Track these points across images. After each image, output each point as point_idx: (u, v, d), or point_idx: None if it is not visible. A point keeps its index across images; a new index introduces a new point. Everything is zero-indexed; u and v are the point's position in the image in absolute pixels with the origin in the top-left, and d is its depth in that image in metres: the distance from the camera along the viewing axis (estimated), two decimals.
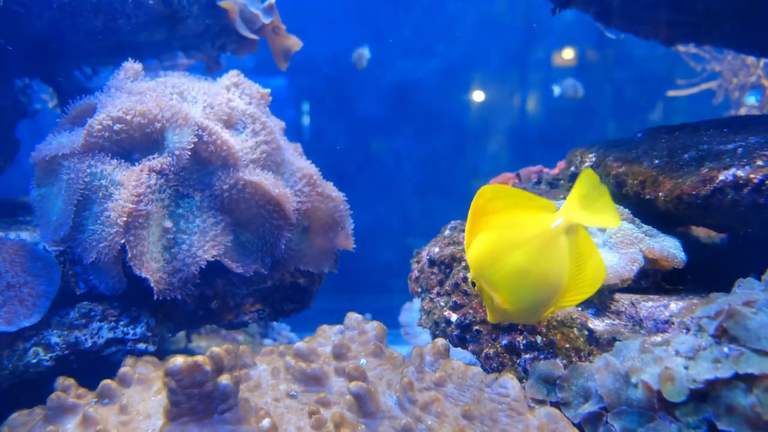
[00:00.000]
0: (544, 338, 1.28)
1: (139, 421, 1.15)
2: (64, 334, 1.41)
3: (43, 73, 2.27)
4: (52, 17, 1.71)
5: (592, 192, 1.03)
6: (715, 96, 3.78)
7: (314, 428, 1.07)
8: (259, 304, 1.73)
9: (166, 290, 1.43)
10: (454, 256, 1.64)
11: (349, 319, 1.38)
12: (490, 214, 1.10)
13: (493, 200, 1.10)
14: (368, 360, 1.26)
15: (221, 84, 1.77)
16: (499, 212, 1.10)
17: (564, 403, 1.13)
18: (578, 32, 4.92)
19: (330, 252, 1.80)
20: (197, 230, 1.49)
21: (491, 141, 5.26)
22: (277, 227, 1.59)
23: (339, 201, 1.77)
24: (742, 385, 0.91)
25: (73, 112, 1.62)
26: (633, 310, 1.25)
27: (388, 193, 5.06)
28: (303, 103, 5.15)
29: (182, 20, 2.01)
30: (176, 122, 1.47)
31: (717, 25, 1.85)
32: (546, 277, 1.05)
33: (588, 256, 1.04)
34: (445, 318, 1.50)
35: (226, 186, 1.52)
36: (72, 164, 1.45)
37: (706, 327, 1.01)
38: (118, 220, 1.35)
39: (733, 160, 1.25)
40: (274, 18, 2.25)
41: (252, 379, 1.24)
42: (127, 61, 1.69)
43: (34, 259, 1.43)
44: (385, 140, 5.26)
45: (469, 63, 5.27)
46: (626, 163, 1.51)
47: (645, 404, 0.99)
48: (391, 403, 1.12)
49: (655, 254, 1.29)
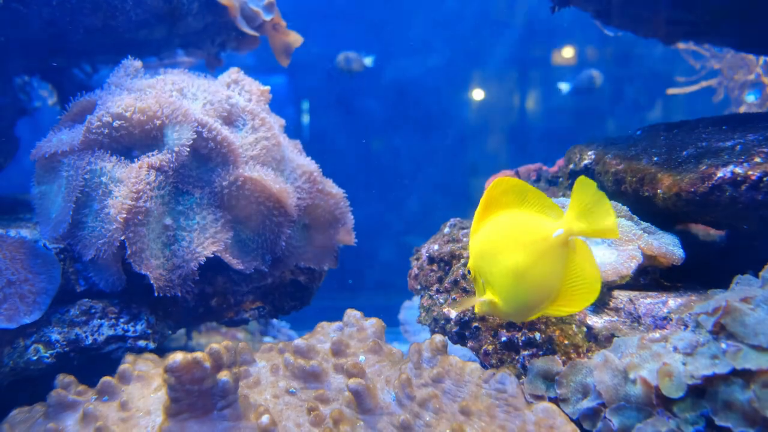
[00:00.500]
0: (543, 335, 1.28)
1: (139, 417, 1.15)
2: (64, 331, 1.41)
3: (43, 71, 2.27)
4: (52, 15, 1.71)
5: (591, 201, 1.03)
6: (716, 93, 3.78)
7: (313, 425, 1.08)
8: (260, 301, 1.73)
9: (165, 287, 1.43)
10: (454, 254, 1.64)
11: (348, 315, 1.38)
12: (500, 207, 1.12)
13: (506, 193, 1.11)
14: (367, 357, 1.26)
15: (221, 81, 1.77)
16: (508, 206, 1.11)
17: (562, 399, 1.14)
18: (578, 31, 4.92)
19: (330, 249, 1.81)
20: (197, 227, 1.49)
21: (490, 139, 5.26)
22: (278, 224, 1.59)
23: (339, 198, 1.78)
24: (739, 381, 0.91)
25: (73, 109, 1.62)
26: (631, 306, 1.26)
27: (387, 190, 5.06)
28: (303, 101, 5.15)
29: (182, 18, 2.01)
30: (176, 119, 1.47)
31: (716, 23, 1.85)
32: (540, 283, 1.07)
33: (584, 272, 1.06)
34: (444, 315, 1.51)
35: (226, 183, 1.52)
36: (72, 161, 1.45)
37: (704, 323, 1.02)
38: (117, 216, 1.35)
39: (732, 157, 1.25)
40: (274, 15, 2.25)
41: (251, 376, 1.25)
42: (127, 58, 1.69)
43: (35, 256, 1.43)
44: (384, 138, 5.26)
45: (469, 61, 5.27)
46: (625, 160, 1.52)
47: (643, 400, 0.99)
48: (390, 400, 1.13)
49: (654, 251, 1.30)
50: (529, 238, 1.07)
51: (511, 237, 1.10)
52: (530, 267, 1.07)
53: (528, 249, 1.07)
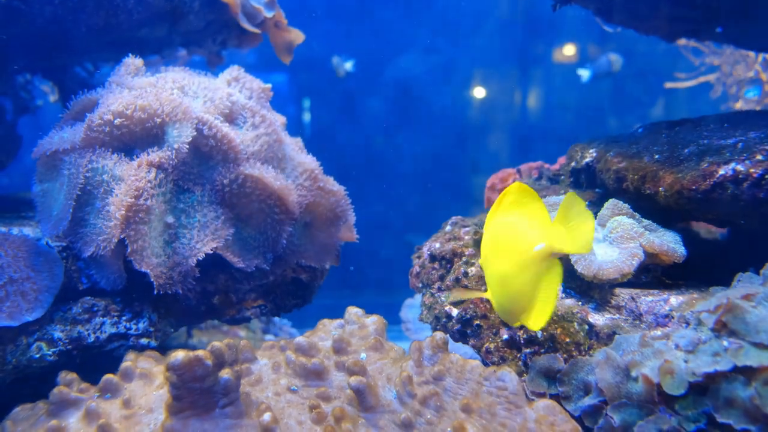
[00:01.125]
0: (545, 332, 1.28)
1: (141, 415, 1.16)
2: (66, 329, 1.42)
3: (45, 70, 2.27)
4: (54, 13, 1.71)
5: (576, 218, 1.05)
6: (713, 89, 3.78)
7: (315, 422, 1.08)
8: (261, 299, 1.73)
9: (166, 284, 1.43)
10: (455, 252, 1.65)
11: (350, 313, 1.38)
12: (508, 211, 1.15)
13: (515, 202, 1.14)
14: (368, 354, 1.26)
15: (222, 79, 1.77)
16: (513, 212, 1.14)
17: (564, 396, 1.14)
18: (579, 28, 4.91)
19: (332, 247, 1.81)
20: (197, 225, 1.49)
21: (492, 136, 5.26)
22: (279, 222, 1.59)
23: (340, 196, 1.78)
24: (741, 378, 0.91)
25: (75, 107, 1.62)
26: (633, 304, 1.26)
27: (388, 188, 5.06)
28: (304, 99, 5.15)
29: (184, 16, 2.01)
30: (176, 117, 1.47)
31: (717, 20, 1.85)
32: (521, 291, 1.10)
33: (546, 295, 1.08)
34: (446, 313, 1.51)
35: (227, 180, 1.52)
36: (73, 159, 1.45)
37: (706, 321, 1.02)
38: (116, 213, 1.35)
39: (733, 155, 1.25)
40: (275, 12, 2.25)
41: (253, 374, 1.25)
42: (128, 56, 1.70)
43: (37, 254, 1.43)
44: (385, 136, 5.26)
45: (470, 59, 5.27)
46: (627, 158, 1.51)
47: (645, 397, 0.99)
48: (391, 397, 1.13)
49: (655, 249, 1.30)
50: (515, 248, 1.10)
51: (503, 243, 1.14)
52: (513, 276, 1.10)
53: (513, 258, 1.10)
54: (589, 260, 1.29)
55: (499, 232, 1.15)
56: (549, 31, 5.10)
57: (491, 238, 1.17)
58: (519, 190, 1.13)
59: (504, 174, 2.39)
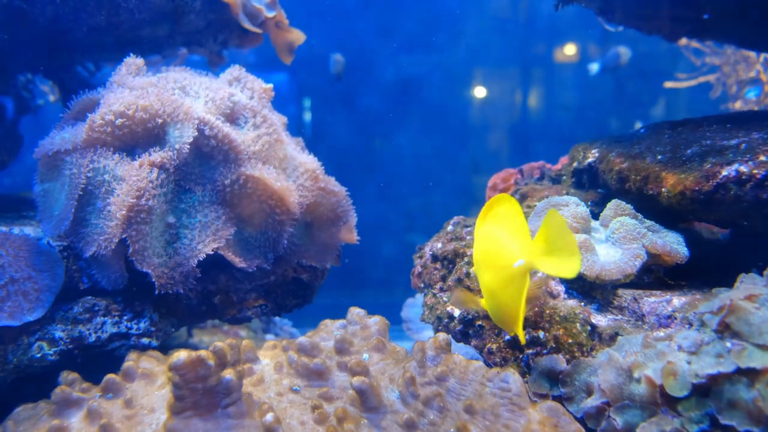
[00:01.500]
0: (547, 333, 1.28)
1: (143, 415, 1.16)
2: (68, 328, 1.42)
3: (46, 69, 2.27)
4: (55, 12, 1.71)
5: (557, 236, 1.03)
6: (713, 89, 3.78)
7: (317, 423, 1.08)
8: (262, 299, 1.73)
9: (167, 284, 1.43)
10: (457, 252, 1.64)
11: (352, 313, 1.38)
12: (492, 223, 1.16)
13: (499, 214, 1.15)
14: (371, 355, 1.26)
15: (223, 79, 1.77)
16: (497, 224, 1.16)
17: (567, 397, 1.14)
18: (580, 28, 4.91)
19: (332, 247, 1.81)
20: (199, 225, 1.49)
21: (493, 136, 5.26)
22: (280, 222, 1.59)
23: (341, 196, 1.77)
24: (744, 380, 0.91)
25: (76, 107, 1.62)
26: (636, 305, 1.26)
27: (390, 188, 5.06)
28: (305, 99, 5.15)
29: (185, 15, 2.01)
30: (177, 117, 1.47)
31: (719, 20, 1.84)
32: (508, 303, 1.11)
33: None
34: (448, 313, 1.51)
35: (228, 181, 1.52)
36: (74, 159, 1.45)
37: (709, 322, 1.01)
38: (117, 213, 1.35)
39: (736, 156, 1.25)
40: (277, 12, 2.24)
41: (255, 374, 1.25)
42: (130, 56, 1.69)
43: (38, 254, 1.43)
44: (386, 136, 5.26)
45: (472, 59, 5.27)
46: (629, 158, 1.51)
47: (647, 399, 0.99)
48: (394, 398, 1.13)
49: (658, 249, 1.29)
50: (498, 262, 1.12)
51: (489, 255, 1.16)
52: (497, 289, 1.12)
53: (497, 272, 1.12)
54: (592, 261, 1.29)
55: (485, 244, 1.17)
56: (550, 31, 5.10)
57: (479, 249, 1.18)
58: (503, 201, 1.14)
59: (506, 174, 2.39)
